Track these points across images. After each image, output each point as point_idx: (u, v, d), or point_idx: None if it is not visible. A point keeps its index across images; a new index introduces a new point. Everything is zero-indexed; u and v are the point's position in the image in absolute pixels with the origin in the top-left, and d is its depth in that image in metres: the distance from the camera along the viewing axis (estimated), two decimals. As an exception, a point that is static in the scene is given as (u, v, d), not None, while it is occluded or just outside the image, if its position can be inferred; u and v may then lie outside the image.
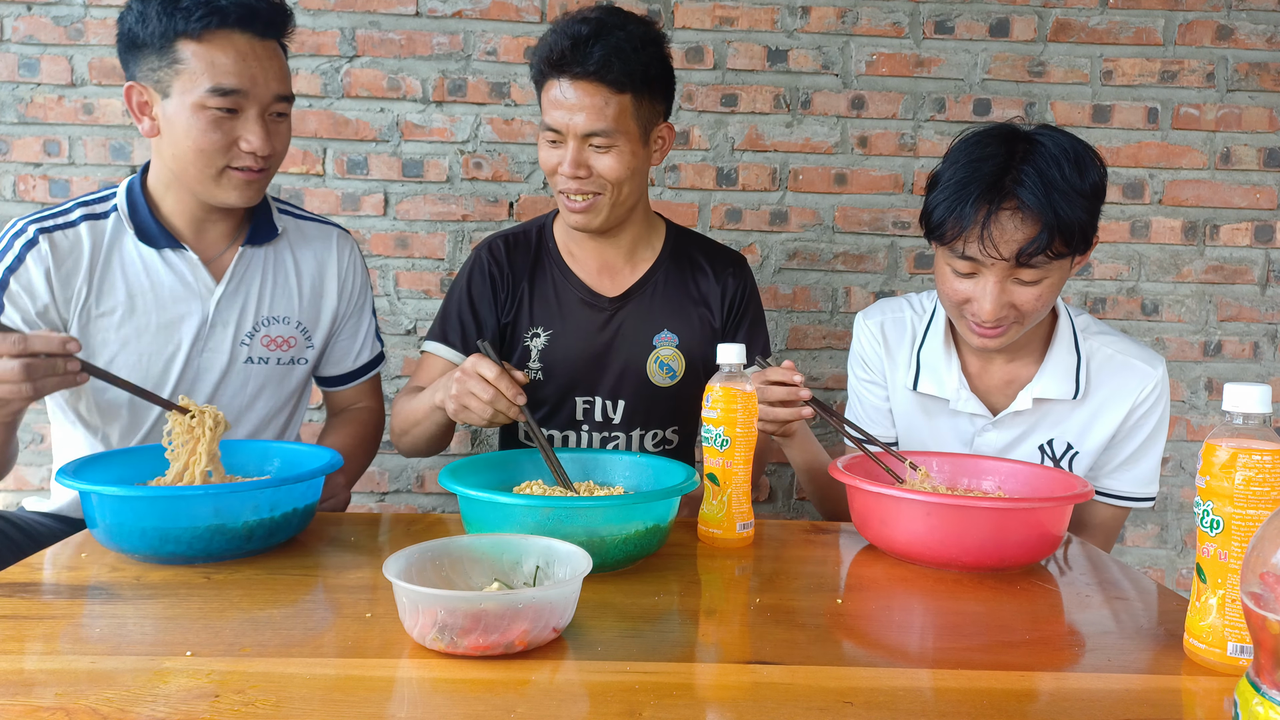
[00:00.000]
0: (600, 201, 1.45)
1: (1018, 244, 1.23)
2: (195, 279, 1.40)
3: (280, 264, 1.50)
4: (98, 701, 0.68)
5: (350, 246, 1.60)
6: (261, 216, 1.48)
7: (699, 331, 1.59)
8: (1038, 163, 1.23)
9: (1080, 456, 1.43)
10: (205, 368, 1.43)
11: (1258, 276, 2.25)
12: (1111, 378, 1.40)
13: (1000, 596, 1.00)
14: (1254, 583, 0.57)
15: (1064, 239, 1.22)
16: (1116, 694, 0.76)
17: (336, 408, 1.68)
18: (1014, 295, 1.28)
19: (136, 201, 1.39)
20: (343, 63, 2.16)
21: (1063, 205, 1.21)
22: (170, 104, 1.29)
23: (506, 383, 1.17)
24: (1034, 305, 1.28)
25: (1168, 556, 2.30)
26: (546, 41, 1.39)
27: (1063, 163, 1.22)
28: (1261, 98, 2.20)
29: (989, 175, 1.24)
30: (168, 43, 1.27)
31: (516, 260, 1.57)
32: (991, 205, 1.23)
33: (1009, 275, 1.27)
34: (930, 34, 2.18)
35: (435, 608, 0.76)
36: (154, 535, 0.98)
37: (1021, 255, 1.23)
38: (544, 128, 1.42)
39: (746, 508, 1.16)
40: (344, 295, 1.57)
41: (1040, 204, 1.21)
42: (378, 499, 2.28)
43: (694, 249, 1.64)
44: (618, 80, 1.37)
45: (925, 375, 1.46)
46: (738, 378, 1.15)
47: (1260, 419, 0.79)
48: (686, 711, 0.70)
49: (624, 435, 1.59)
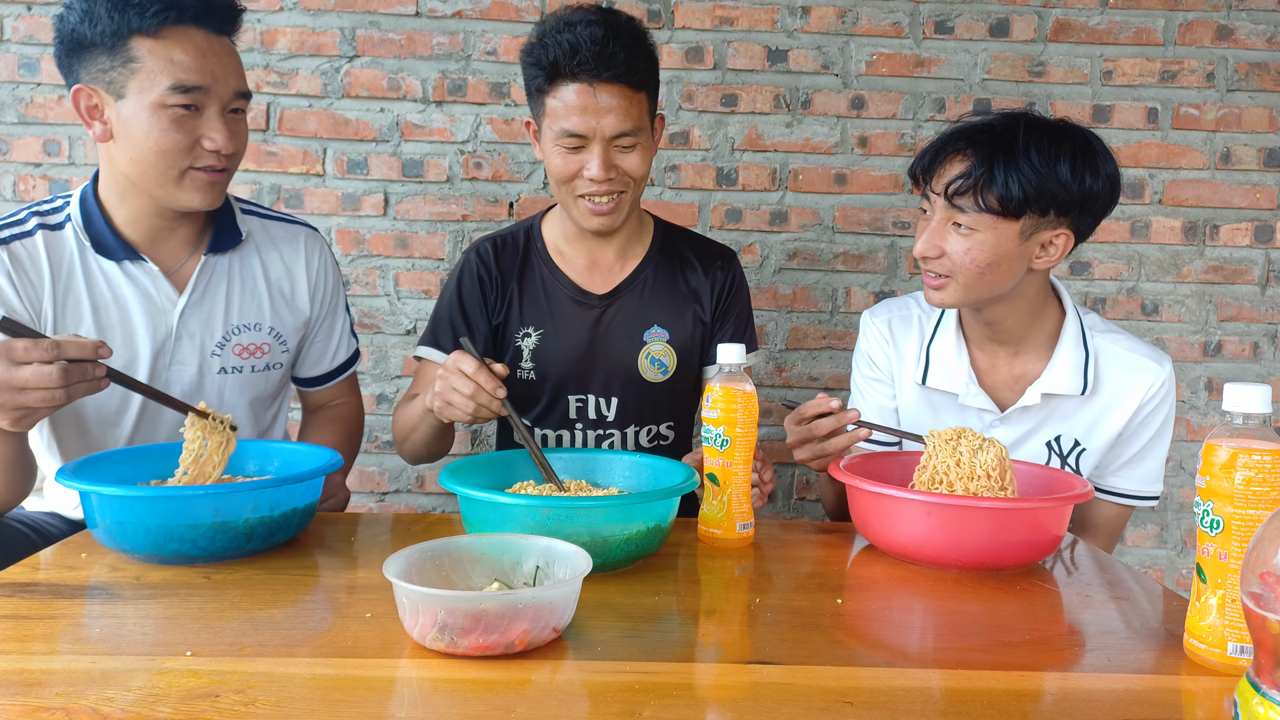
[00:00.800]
0: (624, 200, 1.45)
1: (950, 178, 1.29)
2: (157, 291, 1.35)
3: (247, 270, 1.45)
4: (98, 701, 0.68)
5: (320, 247, 1.55)
6: (224, 221, 1.43)
7: (689, 326, 1.60)
8: (1012, 126, 1.28)
9: (1088, 453, 1.43)
10: (173, 381, 1.38)
11: (1258, 276, 2.25)
12: (1119, 374, 1.40)
13: (1000, 596, 1.00)
14: (1254, 583, 0.57)
15: (998, 192, 1.26)
16: (1116, 694, 0.76)
17: (313, 406, 1.66)
18: (947, 241, 1.32)
19: (91, 212, 1.32)
20: (343, 63, 2.16)
21: (1003, 157, 1.25)
22: (126, 105, 1.23)
23: (485, 376, 1.18)
24: (963, 258, 1.30)
25: (1168, 556, 2.30)
26: (552, 45, 1.34)
27: (1037, 133, 1.27)
28: (1261, 98, 2.20)
29: (967, 126, 1.33)
30: (120, 41, 1.21)
31: (505, 262, 1.57)
32: (951, 144, 1.31)
33: (947, 219, 1.31)
34: (930, 34, 2.18)
35: (435, 608, 0.76)
36: (156, 535, 0.98)
37: (950, 188, 1.28)
38: (562, 134, 1.38)
39: (747, 508, 1.16)
40: (316, 299, 1.53)
41: (983, 149, 1.27)
42: (378, 499, 2.28)
43: (683, 244, 1.64)
44: (640, 79, 1.37)
45: (935, 370, 1.47)
46: (738, 378, 1.15)
47: (1260, 419, 0.79)
48: (686, 711, 0.70)
49: (619, 433, 1.59)
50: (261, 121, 2.16)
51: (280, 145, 2.17)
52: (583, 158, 1.39)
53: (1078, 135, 1.29)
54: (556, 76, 1.36)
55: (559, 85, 1.37)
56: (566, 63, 1.34)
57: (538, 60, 1.37)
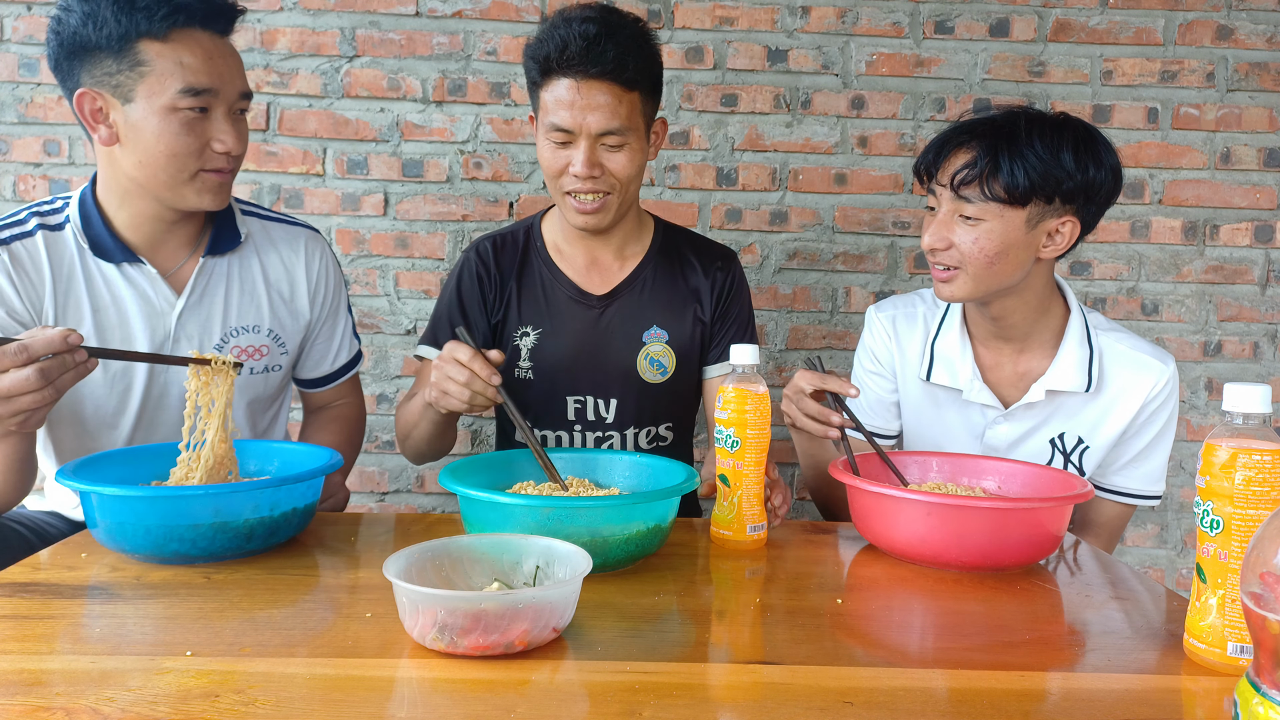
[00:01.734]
0: (610, 201, 1.45)
1: (955, 169, 1.30)
2: (155, 293, 1.35)
3: (246, 272, 1.45)
4: (98, 701, 0.68)
5: (321, 249, 1.54)
6: (223, 222, 1.42)
7: (689, 327, 1.59)
8: (1015, 118, 1.31)
9: (1091, 451, 1.43)
10: (171, 382, 1.38)
11: (1258, 276, 2.25)
12: (1123, 372, 1.41)
13: (1000, 596, 1.00)
14: (1254, 583, 0.57)
15: (1005, 179, 1.27)
16: (1116, 694, 0.76)
17: (315, 406, 1.66)
18: (954, 232, 1.32)
19: (90, 215, 1.33)
20: (343, 63, 2.16)
21: (1007, 146, 1.27)
22: (135, 109, 1.23)
23: (480, 364, 1.19)
24: (971, 249, 1.31)
25: (1168, 556, 2.30)
26: (548, 40, 1.37)
27: (1040, 124, 1.29)
28: (1261, 98, 2.20)
29: (972, 122, 1.34)
30: (127, 44, 1.20)
31: (504, 261, 1.58)
32: (955, 138, 1.33)
33: (953, 211, 1.32)
34: (930, 34, 2.18)
35: (435, 608, 0.76)
36: (156, 535, 0.98)
37: (955, 179, 1.30)
38: (551, 128, 1.39)
39: (758, 510, 1.15)
40: (317, 302, 1.53)
41: (987, 139, 1.29)
42: (378, 499, 2.28)
43: (682, 244, 1.64)
44: (630, 78, 1.37)
45: (939, 366, 1.47)
46: (750, 379, 1.14)
47: (1260, 419, 0.79)
48: (686, 711, 0.70)
49: (618, 434, 1.59)
50: (261, 121, 2.16)
51: (280, 145, 2.17)
52: (570, 154, 1.40)
53: (1079, 126, 1.31)
54: (549, 71, 1.38)
55: (550, 79, 1.39)
56: (557, 57, 1.36)
57: (534, 54, 1.40)
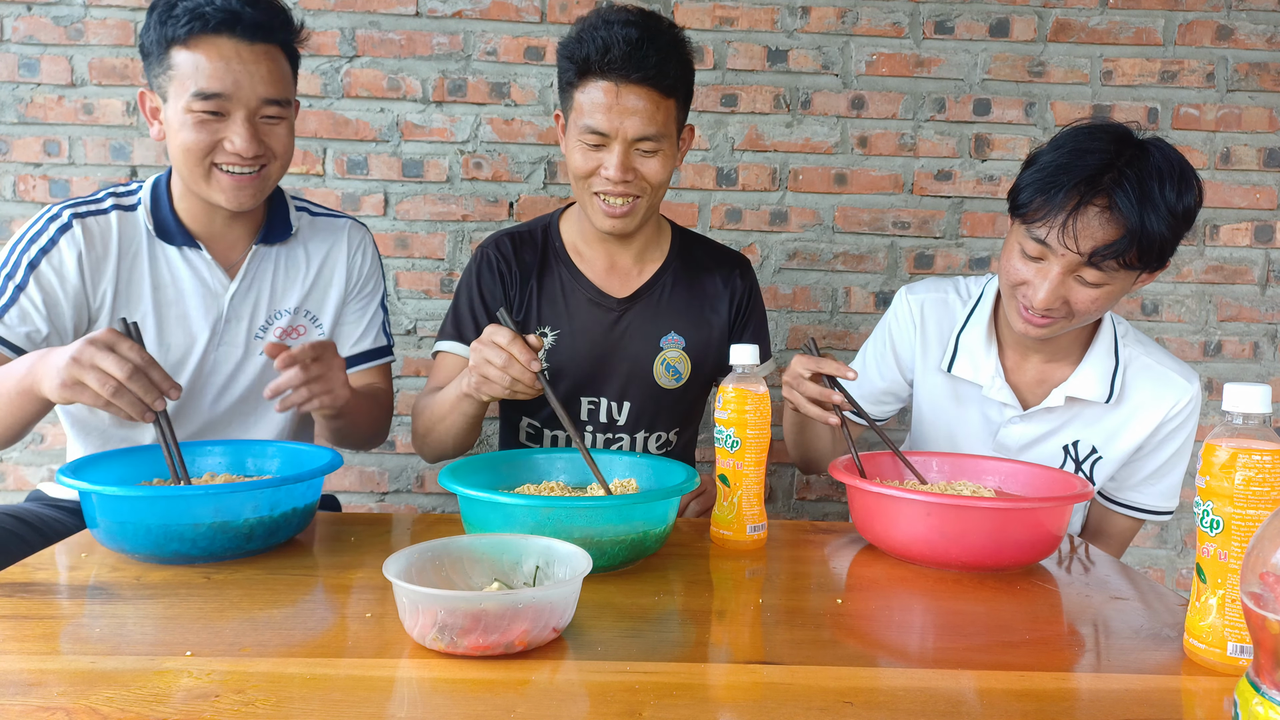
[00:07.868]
0: (639, 204, 1.44)
1: (1096, 242, 1.21)
2: (211, 277, 1.44)
3: (293, 259, 1.53)
4: (98, 701, 0.68)
5: (362, 234, 1.62)
6: (277, 216, 1.51)
7: (706, 334, 1.59)
8: (1141, 169, 1.20)
9: (1103, 462, 1.42)
10: (221, 360, 1.46)
11: (1258, 276, 2.25)
12: (1146, 387, 1.39)
13: (1000, 596, 1.00)
14: (1254, 583, 0.57)
15: (1142, 251, 1.20)
16: (1116, 694, 0.76)
17: None
18: (1071, 292, 1.26)
19: (160, 199, 1.43)
20: (343, 63, 2.16)
21: (1152, 218, 1.18)
22: (168, 108, 1.33)
23: (520, 347, 1.17)
24: (1088, 307, 1.27)
25: (1168, 556, 2.30)
26: (588, 41, 1.34)
27: (1166, 177, 1.19)
28: (1261, 98, 2.20)
29: (1090, 168, 1.21)
30: (164, 50, 1.30)
31: (524, 258, 1.56)
32: (1083, 197, 1.20)
33: (1074, 271, 1.25)
34: (930, 34, 2.18)
35: (435, 608, 0.76)
36: (156, 535, 0.98)
37: (1095, 255, 1.21)
38: (585, 130, 1.38)
39: (758, 510, 1.15)
40: (351, 276, 1.58)
41: (1131, 210, 1.18)
42: (378, 499, 2.28)
43: (700, 251, 1.64)
44: (670, 85, 1.36)
45: (962, 358, 1.45)
46: (750, 379, 1.14)
47: (1260, 419, 0.79)
48: (686, 711, 0.70)
49: (628, 437, 1.59)
50: (261, 121, 2.16)
51: (280, 145, 2.17)
52: (602, 156, 1.39)
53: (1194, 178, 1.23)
54: (587, 72, 1.36)
55: (588, 81, 1.37)
56: (598, 60, 1.34)
57: (571, 54, 1.37)
